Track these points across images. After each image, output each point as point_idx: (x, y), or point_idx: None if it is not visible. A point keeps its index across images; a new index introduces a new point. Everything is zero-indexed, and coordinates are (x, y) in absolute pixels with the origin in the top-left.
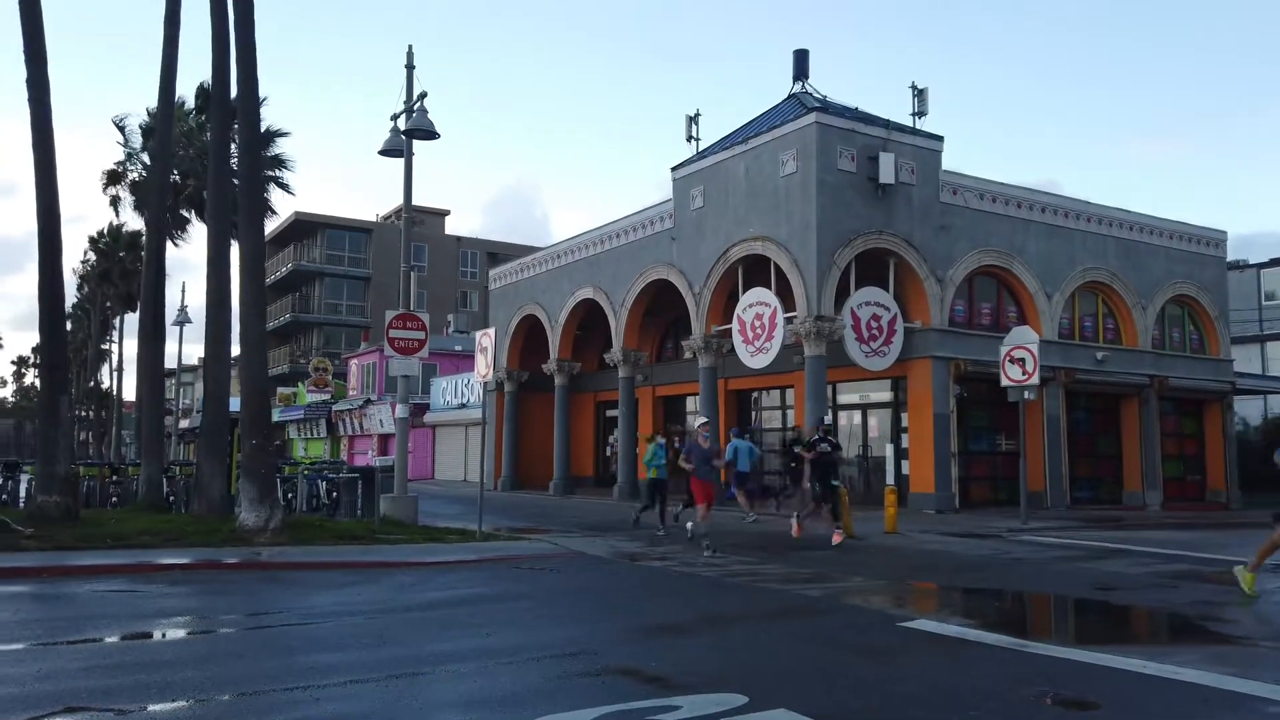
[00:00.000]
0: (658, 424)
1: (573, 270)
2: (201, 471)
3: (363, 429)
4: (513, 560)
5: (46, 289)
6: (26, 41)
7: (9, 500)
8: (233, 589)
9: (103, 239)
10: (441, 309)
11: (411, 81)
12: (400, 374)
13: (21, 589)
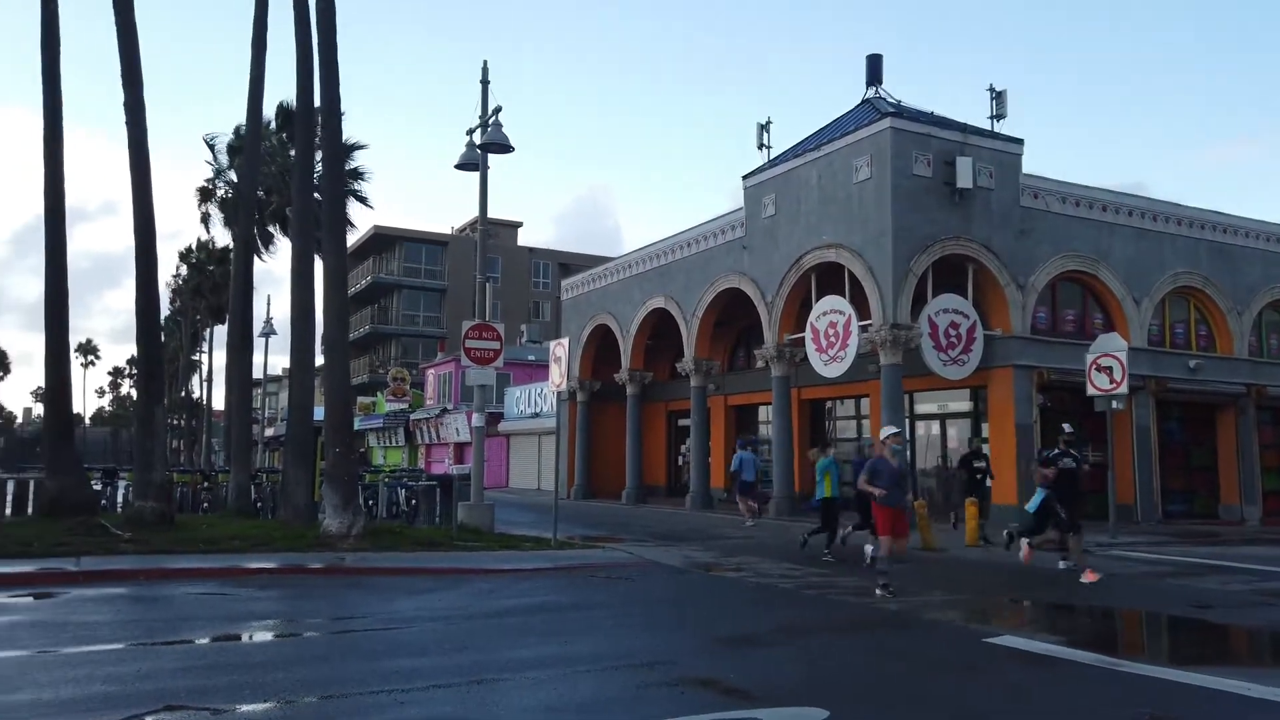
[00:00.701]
0: (729, 433)
1: (644, 280)
2: (287, 479)
3: (439, 437)
4: (588, 569)
5: (143, 303)
6: (124, 67)
7: (108, 505)
8: (318, 593)
9: (193, 254)
10: (515, 319)
11: (487, 96)
12: (476, 384)
13: (121, 591)
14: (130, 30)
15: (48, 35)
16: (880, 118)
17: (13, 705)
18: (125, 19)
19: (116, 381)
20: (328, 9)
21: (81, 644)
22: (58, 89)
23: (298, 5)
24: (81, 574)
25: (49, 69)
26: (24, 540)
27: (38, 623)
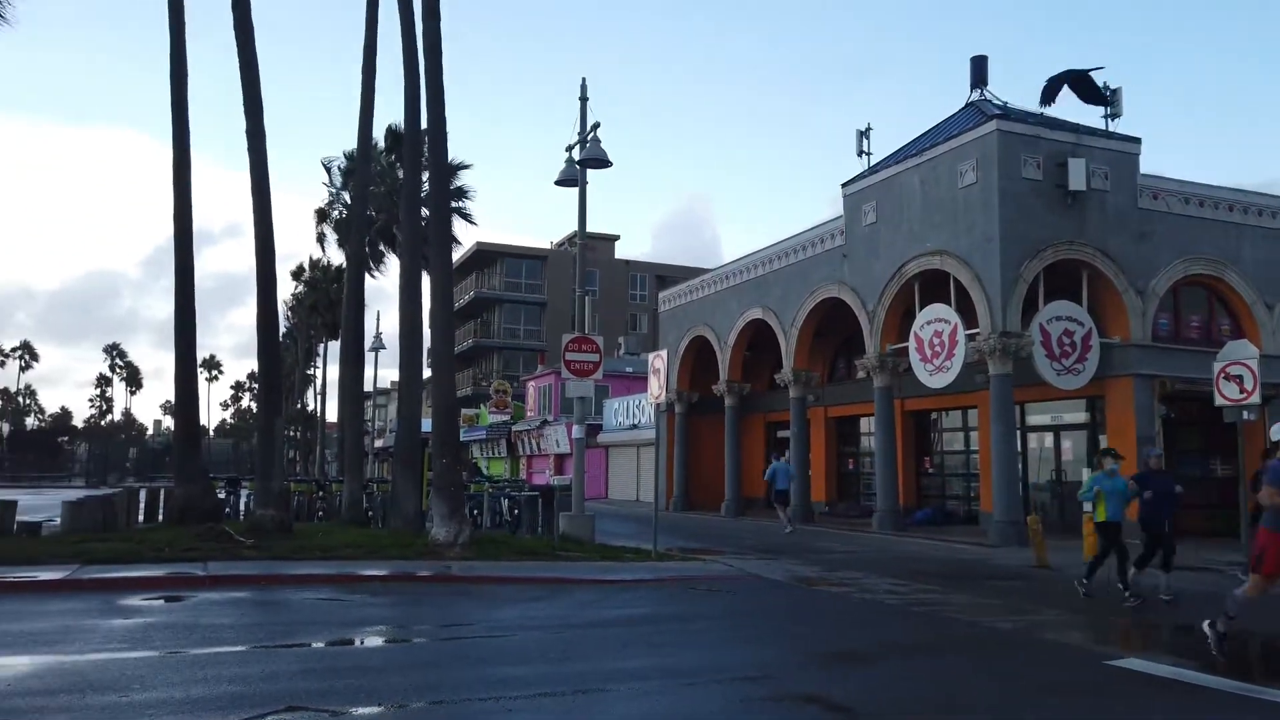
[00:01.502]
0: (829, 445)
1: (741, 291)
2: (397, 489)
3: (540, 449)
4: (688, 581)
5: (263, 320)
6: (246, 97)
7: (231, 513)
8: (426, 600)
9: (307, 273)
10: (612, 332)
11: (585, 113)
12: (576, 395)
13: (244, 595)
14: (251, 63)
15: (176, 71)
16: (986, 120)
17: (148, 703)
18: (246, 54)
19: (238, 395)
20: (433, 38)
21: (209, 645)
22: (185, 121)
23: (405, 35)
24: (208, 578)
25: (178, 103)
26: (157, 545)
27: (169, 624)
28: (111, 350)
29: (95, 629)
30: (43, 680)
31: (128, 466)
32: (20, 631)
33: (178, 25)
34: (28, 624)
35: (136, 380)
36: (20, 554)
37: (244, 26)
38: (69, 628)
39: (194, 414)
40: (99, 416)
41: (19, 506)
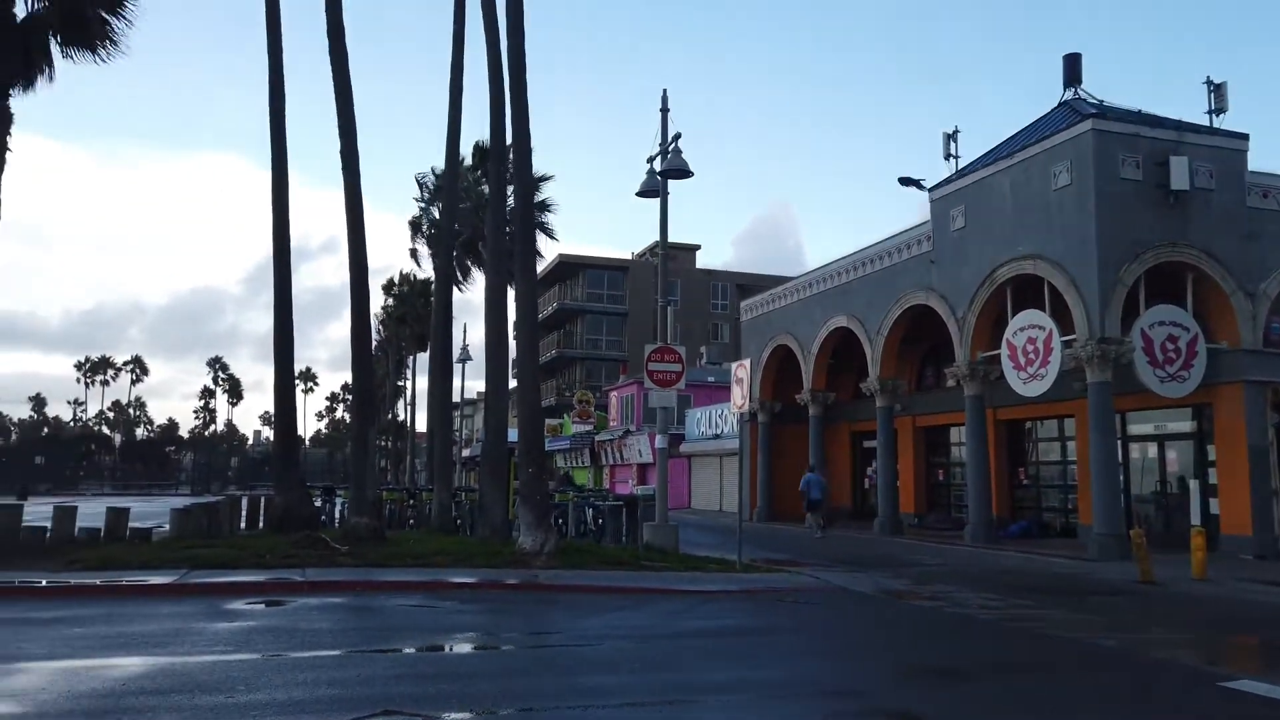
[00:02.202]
0: (918, 456)
1: (824, 299)
2: (484, 497)
3: (623, 458)
4: (774, 592)
5: (357, 334)
6: (340, 119)
7: (327, 520)
8: (514, 608)
9: (397, 287)
10: (694, 341)
11: (666, 124)
12: (659, 405)
13: (340, 600)
14: (345, 87)
15: (275, 98)
16: (1081, 119)
17: (253, 704)
18: (341, 79)
19: (332, 406)
20: (517, 53)
21: (308, 649)
22: (283, 145)
23: (490, 51)
24: (306, 584)
25: (276, 128)
26: (258, 552)
27: (271, 628)
28: (214, 364)
29: (202, 632)
30: (155, 680)
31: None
32: (134, 633)
33: (276, 57)
34: (140, 626)
35: (238, 392)
36: (133, 559)
37: (338, 52)
38: (178, 630)
39: (292, 426)
40: (203, 427)
41: (131, 513)
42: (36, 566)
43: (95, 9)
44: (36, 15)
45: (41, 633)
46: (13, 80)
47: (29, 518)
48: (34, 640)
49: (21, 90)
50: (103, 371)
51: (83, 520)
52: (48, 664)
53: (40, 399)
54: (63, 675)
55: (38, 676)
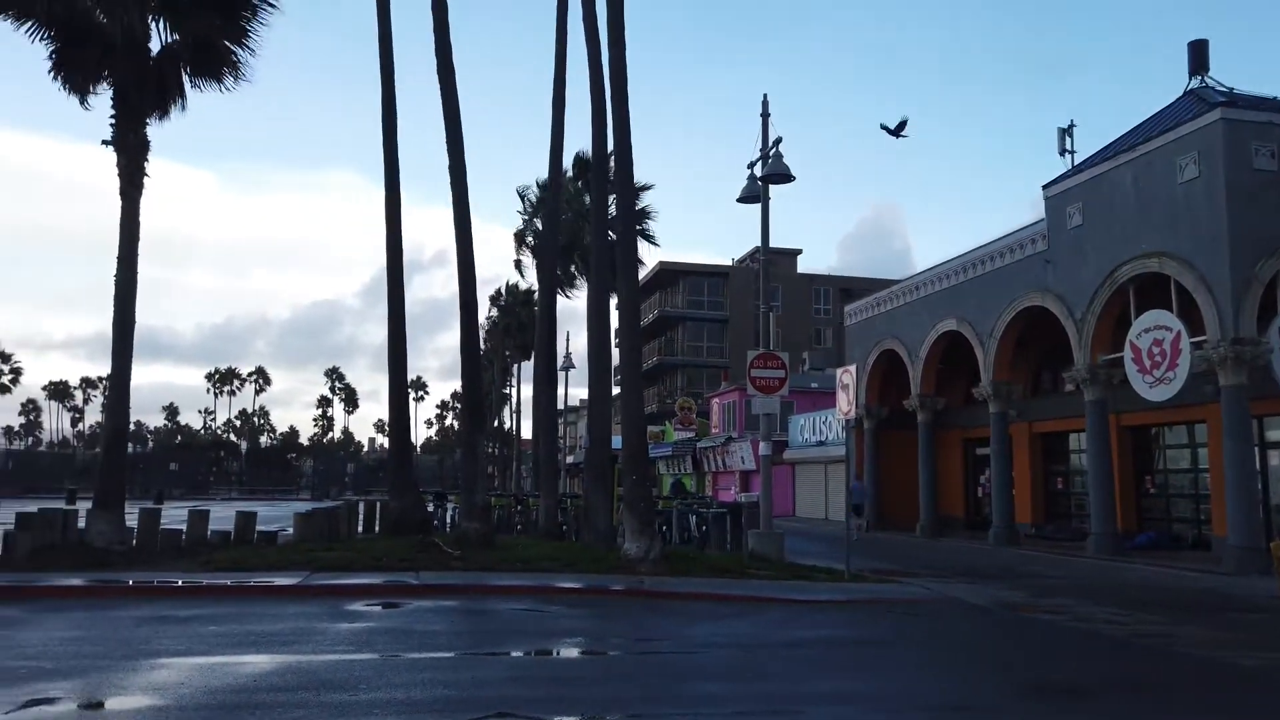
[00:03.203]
0: (1034, 463)
1: (932, 301)
2: (589, 503)
3: (725, 465)
4: (883, 603)
5: (466, 345)
6: (448, 135)
7: (439, 525)
8: (619, 614)
9: (502, 297)
10: (796, 347)
11: (767, 129)
12: (762, 412)
13: (452, 604)
14: (453, 108)
15: (387, 119)
16: (1208, 109)
17: (374, 702)
18: (449, 101)
19: (442, 414)
20: (618, 65)
21: (423, 650)
22: (395, 162)
23: (592, 64)
24: (421, 587)
25: (389, 147)
26: (375, 555)
27: (388, 629)
28: (332, 374)
29: (325, 632)
30: (284, 678)
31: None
32: (263, 632)
33: (388, 81)
34: (268, 625)
35: (354, 400)
36: (261, 561)
37: (446, 76)
38: (303, 630)
39: (406, 434)
40: (321, 434)
41: (257, 517)
42: (174, 567)
43: (222, 39)
44: (169, 47)
45: (180, 630)
46: (149, 110)
47: (166, 521)
48: (173, 637)
49: (157, 119)
50: (230, 382)
51: (214, 523)
52: (186, 660)
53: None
54: (199, 671)
55: (177, 672)
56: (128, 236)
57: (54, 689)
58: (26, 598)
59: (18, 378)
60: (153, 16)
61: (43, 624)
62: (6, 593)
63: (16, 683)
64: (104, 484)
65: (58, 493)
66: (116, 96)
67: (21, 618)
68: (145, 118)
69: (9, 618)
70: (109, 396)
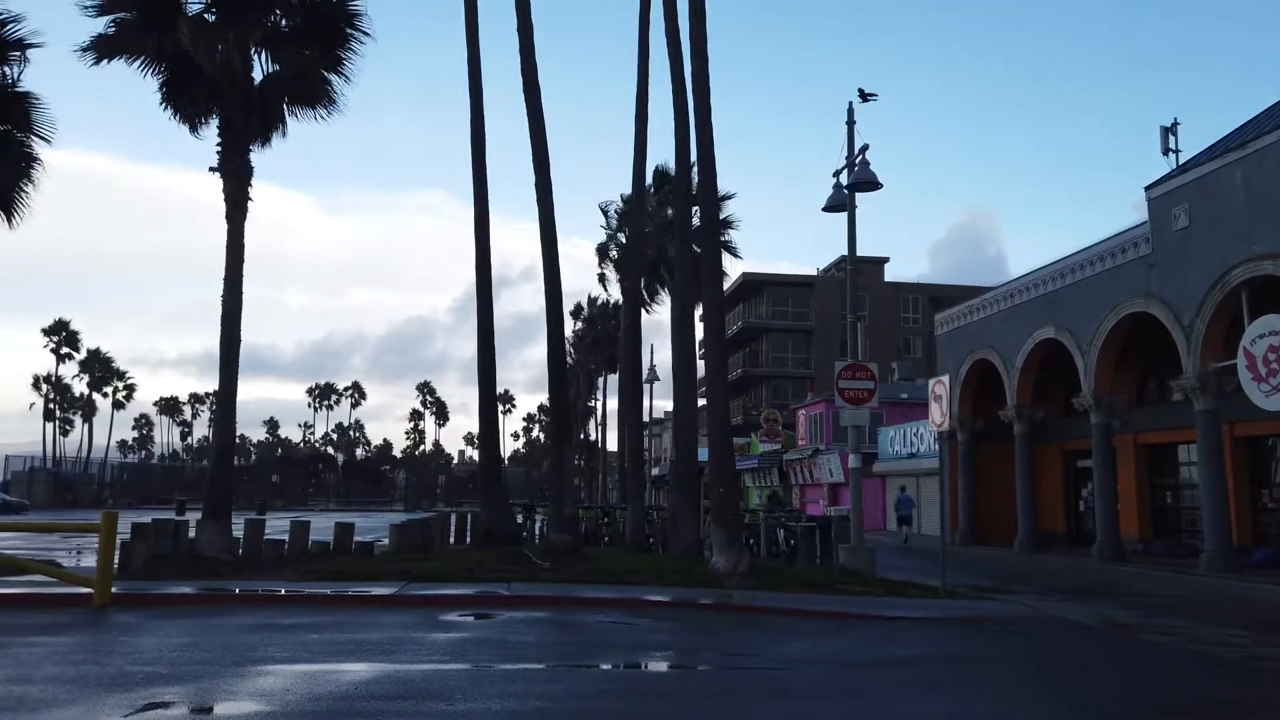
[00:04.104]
0: (1140, 476)
1: (1028, 309)
2: (676, 516)
3: (813, 478)
4: (982, 621)
5: (553, 358)
6: (535, 153)
7: (528, 536)
8: (709, 628)
9: (586, 310)
10: (884, 357)
11: (852, 136)
12: (851, 424)
13: (543, 615)
14: (539, 126)
15: (476, 139)
16: None
17: (470, 712)
18: (535, 118)
19: (529, 426)
20: (701, 78)
21: (516, 661)
22: (484, 181)
23: (675, 78)
24: (512, 598)
25: (477, 167)
26: (467, 566)
27: (481, 640)
28: (423, 388)
29: (421, 641)
30: (383, 686)
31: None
32: (362, 640)
33: (477, 102)
34: (367, 634)
35: (444, 414)
36: (359, 571)
37: (532, 94)
38: (399, 639)
39: (495, 447)
40: (413, 447)
41: (355, 528)
42: (277, 576)
43: (319, 69)
44: (270, 77)
45: (284, 638)
46: (252, 137)
47: (269, 531)
48: (278, 645)
49: (259, 145)
50: (328, 397)
51: (314, 534)
52: (290, 667)
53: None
54: (303, 678)
55: (282, 679)
56: (233, 259)
57: (168, 693)
58: (142, 604)
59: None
60: (254, 49)
61: (157, 630)
62: (124, 599)
63: (134, 687)
64: (212, 496)
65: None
66: (222, 125)
67: (138, 624)
68: (249, 145)
69: (127, 624)
70: (216, 413)
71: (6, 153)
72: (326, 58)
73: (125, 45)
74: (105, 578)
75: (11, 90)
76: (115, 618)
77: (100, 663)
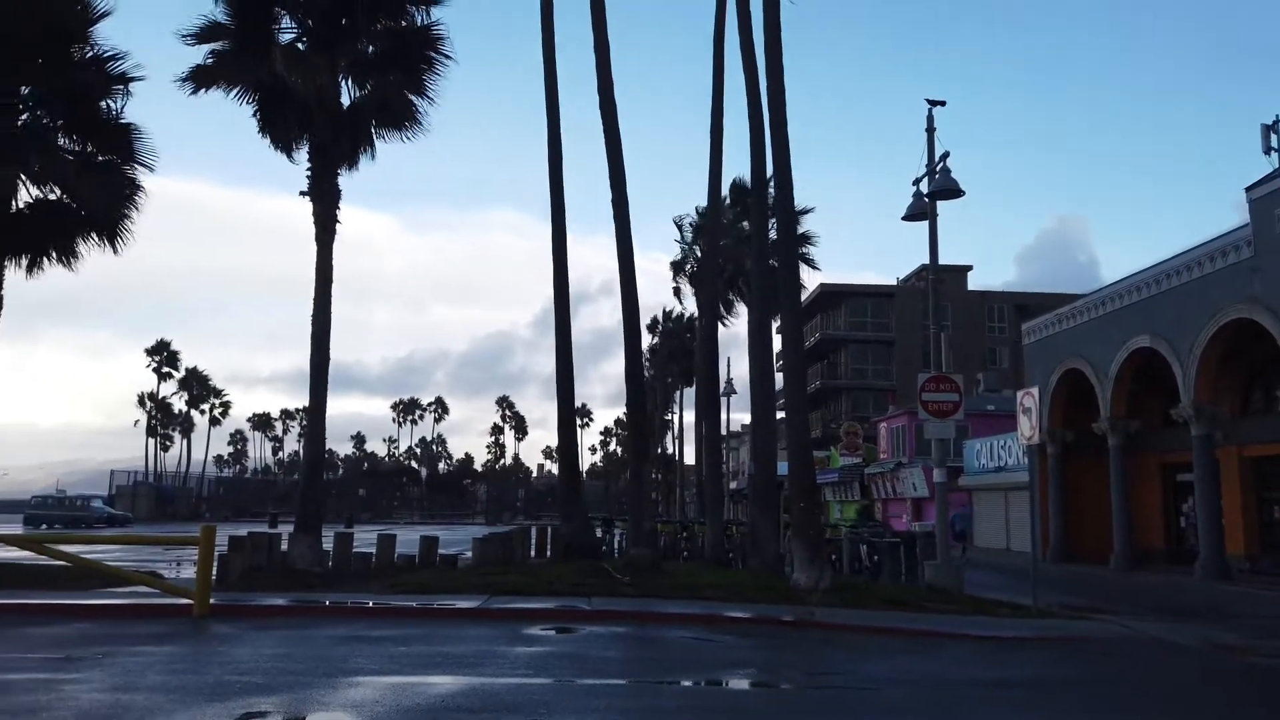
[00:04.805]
0: (1245, 490)
1: (1122, 316)
2: (755, 531)
3: (895, 492)
4: (1076, 641)
5: (631, 374)
6: (611, 171)
7: (607, 550)
8: (790, 646)
9: (661, 324)
10: (968, 368)
11: (932, 144)
12: (935, 437)
13: (623, 630)
14: (615, 143)
15: (553, 159)
16: None
17: None
18: (612, 138)
19: (606, 440)
20: (777, 94)
21: (598, 677)
22: (561, 199)
23: (750, 97)
24: (593, 612)
25: (555, 185)
26: (548, 580)
27: (563, 654)
28: (503, 403)
29: (504, 655)
30: (468, 699)
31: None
32: (447, 653)
33: (554, 122)
34: (452, 647)
35: (523, 428)
36: (443, 584)
37: (609, 114)
38: (483, 653)
39: (575, 462)
40: (494, 460)
41: (439, 541)
42: (365, 588)
43: (404, 93)
44: (358, 102)
45: (373, 650)
46: (341, 161)
47: (357, 544)
48: (367, 656)
49: (347, 169)
50: (411, 412)
51: (399, 547)
52: (379, 679)
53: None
54: (391, 690)
55: (372, 690)
56: (322, 280)
57: (264, 703)
58: (239, 616)
59: (227, 410)
60: (342, 76)
61: (253, 641)
62: (222, 610)
63: (232, 696)
64: (304, 510)
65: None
66: (313, 150)
67: (235, 634)
68: (337, 168)
69: (225, 634)
70: (307, 429)
71: (111, 183)
72: (411, 81)
73: (222, 74)
74: (204, 589)
75: (115, 122)
76: (214, 628)
77: (200, 672)
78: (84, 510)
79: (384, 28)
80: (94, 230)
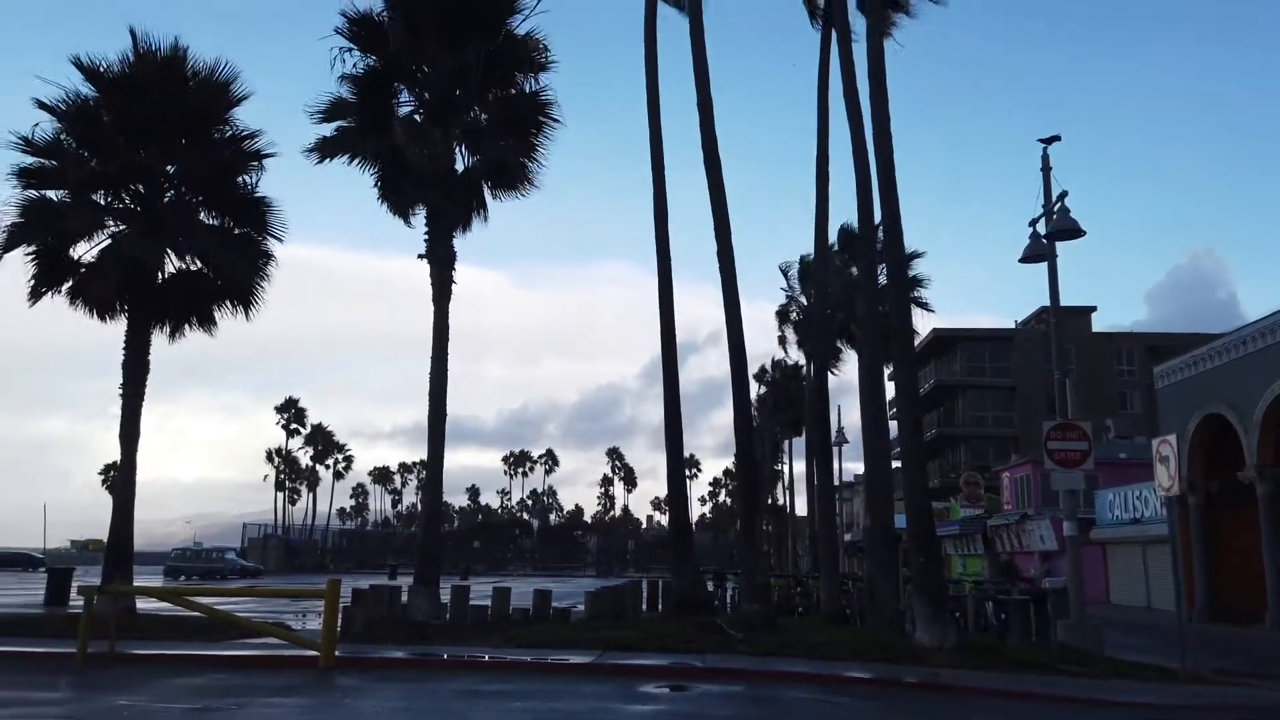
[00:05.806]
0: None
1: (1268, 355)
2: (873, 586)
3: (1021, 545)
4: (1235, 710)
5: (740, 424)
6: (716, 222)
7: (719, 604)
8: (915, 709)
9: (769, 373)
10: (1096, 413)
11: (1049, 182)
12: (1063, 488)
13: (737, 689)
14: (720, 195)
15: (659, 210)
16: None
17: None
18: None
19: (715, 491)
20: (884, 139)
21: None
22: (667, 250)
23: (855, 143)
24: (706, 670)
25: (660, 236)
26: (661, 635)
27: (677, 714)
28: (612, 454)
29: (619, 713)
30: None
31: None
32: (562, 710)
33: (659, 177)
34: (567, 703)
35: (632, 479)
36: (557, 638)
37: (713, 168)
38: (597, 710)
39: (685, 515)
40: (603, 512)
41: (552, 595)
42: (482, 641)
43: (516, 156)
44: (470, 167)
45: (490, 704)
46: (456, 224)
47: (473, 597)
48: (485, 710)
49: (461, 231)
50: (523, 464)
51: (514, 599)
52: None
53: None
54: None
55: None
56: (439, 339)
57: None
58: (362, 668)
59: (349, 465)
60: (456, 143)
61: (375, 693)
62: (346, 663)
63: None
64: (423, 563)
65: (380, 568)
66: (429, 215)
67: (358, 687)
68: (452, 232)
69: (349, 686)
70: (425, 484)
71: (247, 254)
72: (522, 145)
73: (345, 146)
74: (329, 641)
75: (250, 196)
76: (338, 680)
77: None
78: (219, 562)
79: (495, 96)
80: (230, 298)
